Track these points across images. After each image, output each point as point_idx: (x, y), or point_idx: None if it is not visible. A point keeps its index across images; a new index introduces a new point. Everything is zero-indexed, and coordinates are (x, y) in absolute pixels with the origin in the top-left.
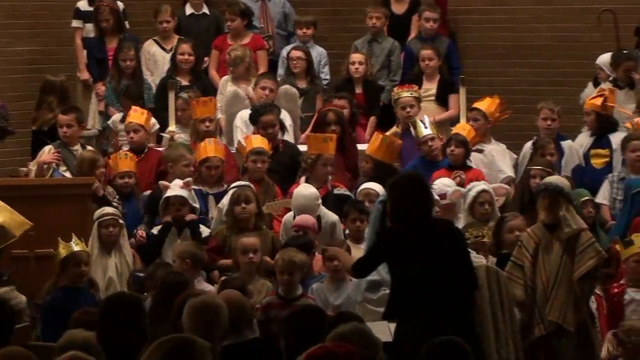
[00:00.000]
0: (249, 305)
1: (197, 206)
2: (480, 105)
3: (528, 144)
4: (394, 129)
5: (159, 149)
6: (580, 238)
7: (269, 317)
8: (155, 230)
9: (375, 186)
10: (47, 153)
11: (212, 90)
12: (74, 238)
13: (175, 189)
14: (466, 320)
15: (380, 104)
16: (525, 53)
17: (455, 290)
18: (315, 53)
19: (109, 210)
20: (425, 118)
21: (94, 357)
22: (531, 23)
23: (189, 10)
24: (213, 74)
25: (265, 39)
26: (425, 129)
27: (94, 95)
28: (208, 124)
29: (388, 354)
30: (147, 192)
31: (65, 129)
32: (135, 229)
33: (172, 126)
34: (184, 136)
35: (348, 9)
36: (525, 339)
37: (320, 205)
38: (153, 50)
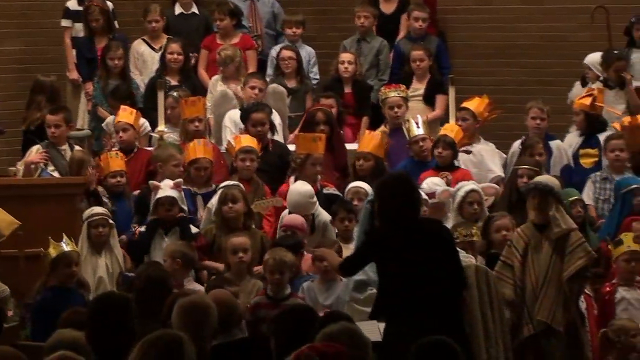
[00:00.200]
0: (239, 305)
1: (186, 207)
2: (469, 105)
3: (516, 143)
4: (381, 129)
5: (148, 149)
6: (570, 238)
7: (257, 317)
8: (142, 229)
9: (365, 185)
10: (35, 153)
11: (202, 90)
12: (64, 238)
13: (165, 189)
14: (456, 320)
15: (370, 104)
16: (514, 53)
17: (444, 290)
18: (304, 53)
19: (98, 210)
20: (419, 118)
21: (83, 357)
22: (520, 23)
23: (178, 9)
24: (202, 73)
25: (254, 39)
26: (418, 129)
27: (83, 95)
28: (197, 123)
29: (377, 353)
30: (136, 192)
31: (53, 129)
32: (128, 228)
33: (162, 126)
34: (173, 136)
35: (337, 9)
36: (514, 339)
37: (315, 204)
38: (142, 49)
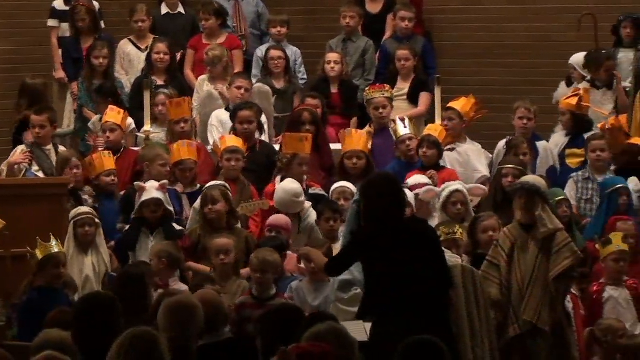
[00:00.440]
0: (225, 305)
1: (172, 208)
2: (455, 104)
3: (502, 143)
4: (367, 129)
5: (135, 149)
6: (557, 238)
7: (242, 317)
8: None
9: (351, 185)
10: (19, 153)
11: (188, 90)
12: (52, 239)
13: (151, 190)
14: (442, 320)
15: (358, 104)
16: (501, 53)
17: (431, 289)
18: (290, 52)
19: (84, 209)
20: (406, 118)
21: (69, 357)
22: (506, 23)
23: (164, 9)
24: (189, 73)
25: (239, 39)
26: (405, 129)
27: (69, 95)
28: (183, 124)
29: (364, 353)
30: (122, 192)
31: (38, 129)
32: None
33: (148, 126)
34: (160, 135)
35: (323, 9)
36: (500, 339)
37: (301, 204)
38: (128, 49)
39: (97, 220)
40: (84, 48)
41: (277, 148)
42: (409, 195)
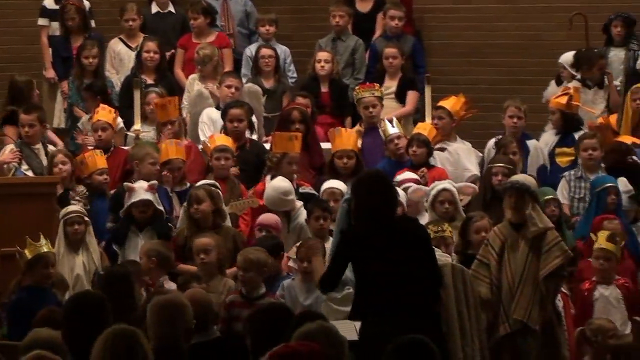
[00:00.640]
0: (214, 304)
1: (162, 208)
2: (445, 103)
3: (491, 142)
4: (356, 128)
5: (124, 148)
6: (546, 237)
7: (231, 316)
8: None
9: (340, 185)
10: (7, 152)
11: (178, 89)
12: (42, 239)
13: (140, 192)
14: (432, 319)
15: (350, 103)
16: (491, 52)
17: (421, 288)
18: (280, 51)
19: (74, 207)
20: (393, 118)
21: (59, 356)
22: (496, 22)
23: (154, 8)
24: (179, 72)
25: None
26: (393, 128)
27: (59, 94)
28: (170, 126)
29: (355, 353)
30: (112, 191)
31: (27, 128)
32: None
33: (138, 125)
34: (150, 134)
35: (313, 8)
36: (490, 338)
37: (290, 202)
38: (118, 48)
39: (87, 218)
40: (73, 47)
41: (267, 147)
42: (400, 195)
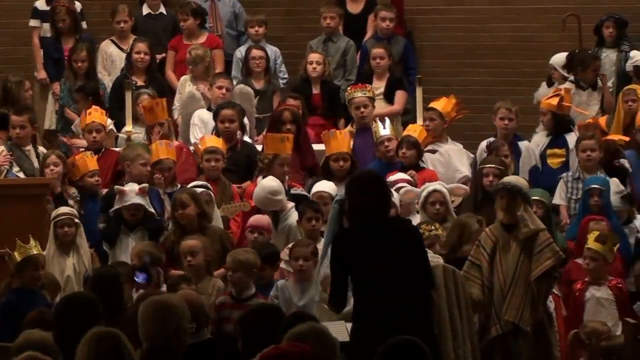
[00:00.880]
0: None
1: (153, 210)
2: (436, 105)
3: (483, 144)
4: (348, 128)
5: (115, 149)
6: (538, 238)
7: (221, 317)
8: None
9: (329, 188)
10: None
11: (168, 90)
12: (31, 241)
13: (131, 195)
14: (424, 321)
15: (342, 105)
16: (482, 53)
17: (413, 290)
18: (270, 52)
19: (64, 209)
20: (386, 119)
21: (50, 357)
22: (488, 23)
23: (145, 10)
24: (170, 74)
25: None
26: (384, 130)
27: (50, 95)
28: (159, 128)
29: (346, 354)
30: (104, 191)
31: (18, 129)
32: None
33: (129, 126)
34: (142, 135)
35: (304, 9)
36: (482, 339)
37: (279, 202)
38: (110, 50)
39: (77, 220)
40: (64, 48)
41: (259, 148)
42: (393, 196)
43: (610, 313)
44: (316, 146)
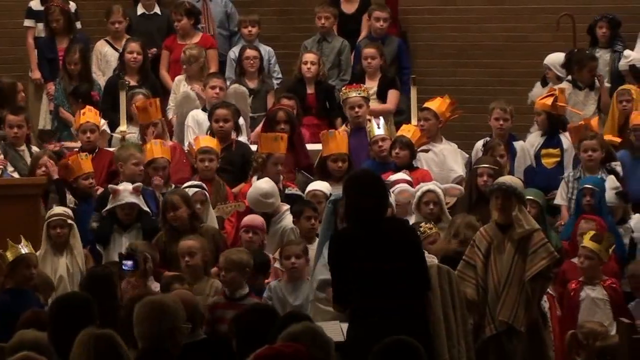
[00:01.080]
0: (201, 305)
1: (148, 209)
2: (430, 105)
3: (479, 144)
4: (343, 128)
5: (109, 150)
6: (533, 238)
7: (215, 317)
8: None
9: (323, 187)
10: None
11: (161, 90)
12: (22, 241)
13: (125, 194)
14: (420, 321)
15: (338, 105)
16: (476, 53)
17: (409, 290)
18: (264, 52)
19: (57, 210)
20: (381, 119)
21: (45, 357)
22: (482, 23)
23: (140, 10)
24: (164, 74)
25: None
26: (378, 130)
27: (45, 95)
28: (152, 129)
29: (342, 354)
30: (99, 191)
31: (15, 129)
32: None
33: (123, 126)
34: (136, 135)
35: (298, 9)
36: (476, 339)
37: (270, 205)
38: (105, 50)
39: (70, 221)
40: (59, 48)
41: (253, 148)
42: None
43: (605, 313)
44: (310, 146)
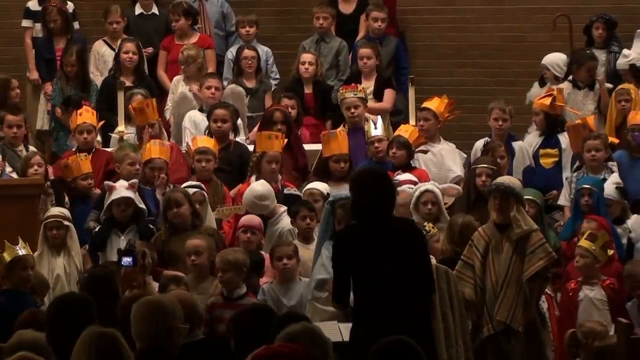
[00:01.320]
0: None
1: (144, 207)
2: (429, 104)
3: (479, 143)
4: (340, 128)
5: (106, 150)
6: (531, 238)
7: (213, 317)
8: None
9: (320, 186)
10: None
11: (157, 91)
12: (20, 242)
13: (120, 189)
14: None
15: (332, 105)
16: (474, 53)
17: (413, 291)
18: (261, 52)
19: (55, 211)
20: (379, 119)
21: (43, 358)
22: (480, 23)
23: (138, 10)
24: (161, 74)
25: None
26: (375, 130)
27: (42, 95)
28: (150, 129)
29: (346, 354)
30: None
31: (15, 129)
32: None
33: (121, 126)
34: (133, 135)
35: (296, 9)
36: (474, 339)
37: (265, 207)
38: (103, 50)
39: (66, 222)
40: (56, 48)
41: (251, 148)
42: None
43: (603, 314)
44: (310, 146)
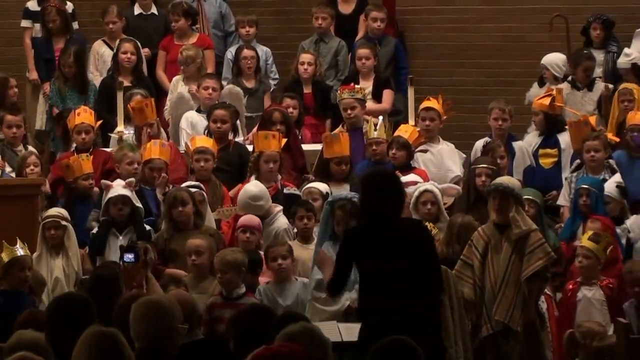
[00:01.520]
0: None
1: (140, 206)
2: (430, 104)
3: (479, 144)
4: (339, 129)
5: (105, 150)
6: (530, 239)
7: (212, 317)
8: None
9: (320, 186)
10: None
11: (154, 91)
12: (18, 242)
13: (117, 188)
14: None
15: (331, 105)
16: (473, 53)
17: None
18: (261, 52)
19: (53, 212)
20: (380, 119)
21: (43, 358)
22: (479, 23)
23: (137, 10)
24: (160, 74)
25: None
26: (374, 132)
27: (41, 96)
28: (148, 129)
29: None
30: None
31: (15, 129)
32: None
33: (121, 126)
34: (132, 135)
35: (295, 9)
36: (474, 339)
37: (259, 207)
38: (102, 50)
39: (64, 223)
40: (55, 48)
41: (250, 148)
42: None
43: (602, 314)
44: (310, 146)
